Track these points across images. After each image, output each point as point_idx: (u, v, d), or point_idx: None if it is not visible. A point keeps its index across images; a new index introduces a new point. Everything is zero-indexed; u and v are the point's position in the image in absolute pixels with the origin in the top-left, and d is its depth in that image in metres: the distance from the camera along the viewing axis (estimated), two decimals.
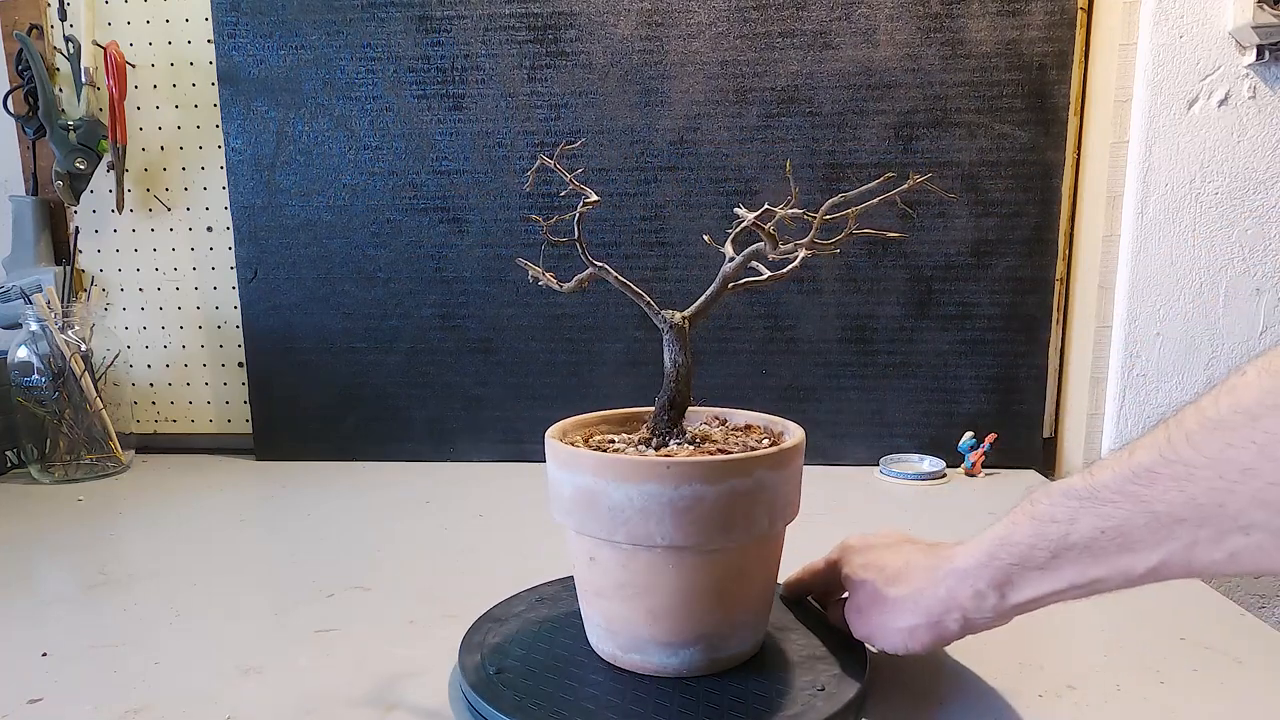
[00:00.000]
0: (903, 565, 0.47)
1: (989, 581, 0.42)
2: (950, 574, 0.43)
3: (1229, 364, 0.90)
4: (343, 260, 0.99)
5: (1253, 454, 0.30)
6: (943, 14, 0.89)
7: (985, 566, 0.42)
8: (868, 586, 0.48)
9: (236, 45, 0.96)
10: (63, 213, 1.06)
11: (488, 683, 0.46)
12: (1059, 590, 0.40)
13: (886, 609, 0.47)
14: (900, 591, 0.46)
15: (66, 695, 0.50)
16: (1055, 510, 0.39)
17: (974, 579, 0.42)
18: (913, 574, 0.46)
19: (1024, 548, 0.40)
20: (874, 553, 0.51)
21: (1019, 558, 0.40)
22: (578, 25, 0.93)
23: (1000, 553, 0.41)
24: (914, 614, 0.45)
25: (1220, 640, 0.55)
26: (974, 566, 0.42)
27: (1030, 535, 0.40)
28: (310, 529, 0.80)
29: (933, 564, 0.45)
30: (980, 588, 0.42)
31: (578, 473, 0.45)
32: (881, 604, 0.47)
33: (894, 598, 0.46)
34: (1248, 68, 0.86)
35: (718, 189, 0.94)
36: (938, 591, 0.44)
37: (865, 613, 0.48)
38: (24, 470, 0.98)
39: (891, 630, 0.46)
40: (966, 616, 0.44)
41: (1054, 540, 0.38)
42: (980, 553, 0.42)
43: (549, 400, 1.00)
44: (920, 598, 0.45)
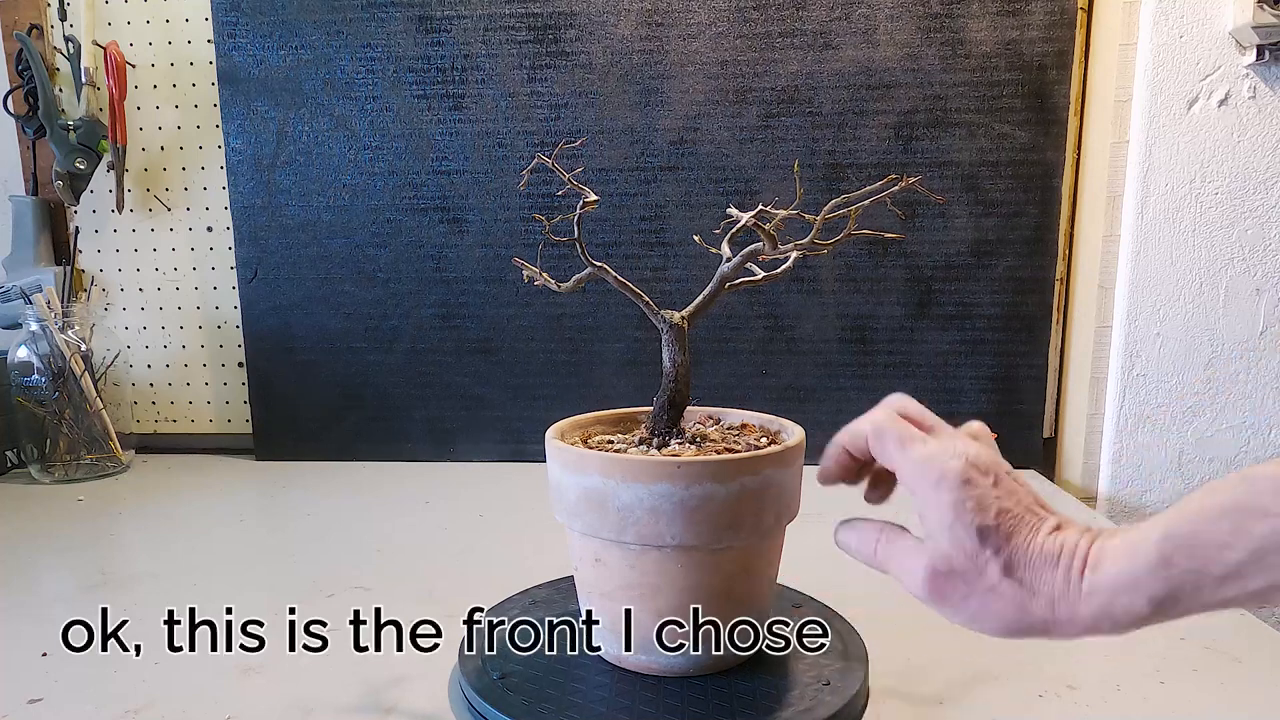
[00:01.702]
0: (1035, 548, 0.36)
1: (1151, 597, 0.33)
2: (1099, 589, 0.34)
3: (1229, 364, 0.91)
4: (343, 260, 0.99)
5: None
6: (943, 14, 0.89)
7: (1152, 578, 0.33)
8: (969, 550, 0.36)
9: (236, 45, 0.96)
10: (63, 213, 1.06)
11: (493, 688, 0.46)
12: (1231, 600, 0.32)
13: (990, 596, 0.36)
14: (1024, 584, 0.36)
15: (66, 695, 0.50)
16: (1264, 499, 0.30)
17: (1133, 595, 0.33)
18: (1044, 566, 0.36)
19: (1210, 549, 0.31)
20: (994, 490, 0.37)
21: (1201, 562, 0.31)
22: (578, 25, 0.93)
23: (1177, 557, 0.32)
24: (1027, 616, 0.36)
25: (1220, 640, 0.55)
26: (1134, 579, 0.33)
27: (1224, 532, 0.31)
28: (310, 529, 0.80)
29: (1068, 564, 0.35)
30: (1137, 605, 0.33)
31: (585, 474, 0.45)
32: (983, 587, 0.36)
33: (1009, 586, 0.36)
34: (1248, 68, 0.86)
35: (718, 189, 0.94)
36: (1074, 607, 0.35)
37: (954, 583, 0.37)
38: (24, 470, 0.98)
39: (987, 619, 0.37)
40: (1093, 630, 0.35)
41: (1258, 539, 0.30)
42: (1146, 560, 0.33)
43: (549, 400, 1.00)
44: (1048, 605, 0.35)
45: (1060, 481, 0.98)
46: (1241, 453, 0.92)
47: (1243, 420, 0.91)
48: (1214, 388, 0.91)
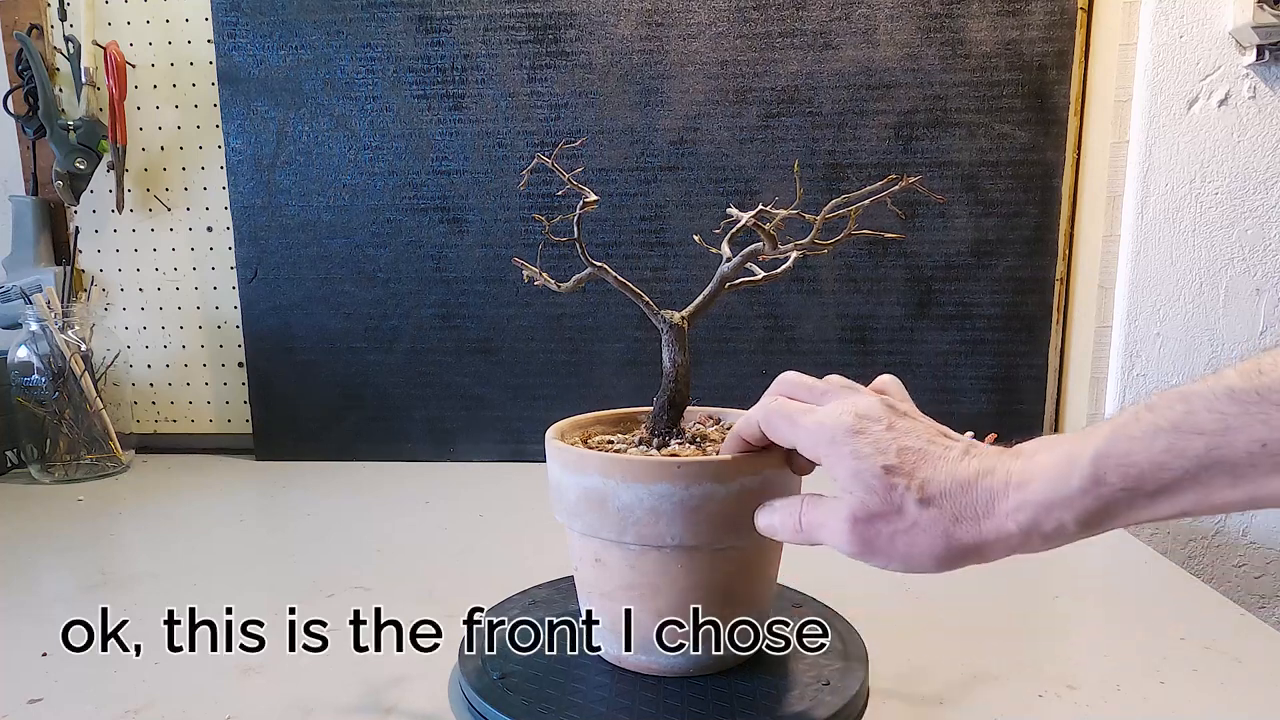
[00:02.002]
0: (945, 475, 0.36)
1: (1080, 514, 0.33)
2: (1025, 507, 0.34)
3: (1229, 364, 0.90)
4: (343, 260, 0.99)
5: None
6: (943, 14, 0.89)
7: (1084, 496, 0.32)
8: (880, 490, 0.36)
9: (236, 45, 0.96)
10: (63, 213, 1.06)
11: (493, 688, 0.46)
12: (1158, 518, 0.32)
13: (914, 531, 0.36)
14: (944, 513, 0.36)
15: (66, 695, 0.50)
16: (1200, 419, 0.30)
17: (1062, 511, 0.33)
18: (959, 491, 0.35)
19: (1146, 468, 0.31)
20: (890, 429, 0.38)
21: (1134, 481, 0.31)
22: (578, 25, 0.93)
23: (1109, 475, 0.32)
24: (952, 543, 0.36)
25: (1220, 640, 0.55)
26: (1065, 498, 0.33)
27: (1159, 451, 0.30)
28: (310, 529, 0.80)
29: (989, 486, 0.35)
30: (1065, 520, 0.33)
31: (585, 474, 0.45)
32: (905, 524, 0.36)
33: (930, 518, 0.36)
34: (1248, 68, 0.86)
35: (718, 189, 0.94)
36: (1001, 526, 0.34)
37: (876, 526, 0.37)
38: (24, 470, 0.98)
39: (916, 556, 0.37)
40: (1022, 548, 0.35)
41: (1192, 458, 0.30)
42: (1078, 478, 0.32)
43: (549, 400, 1.00)
44: (972, 528, 0.35)
45: None
46: None
47: None
48: None
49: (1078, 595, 0.65)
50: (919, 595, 0.63)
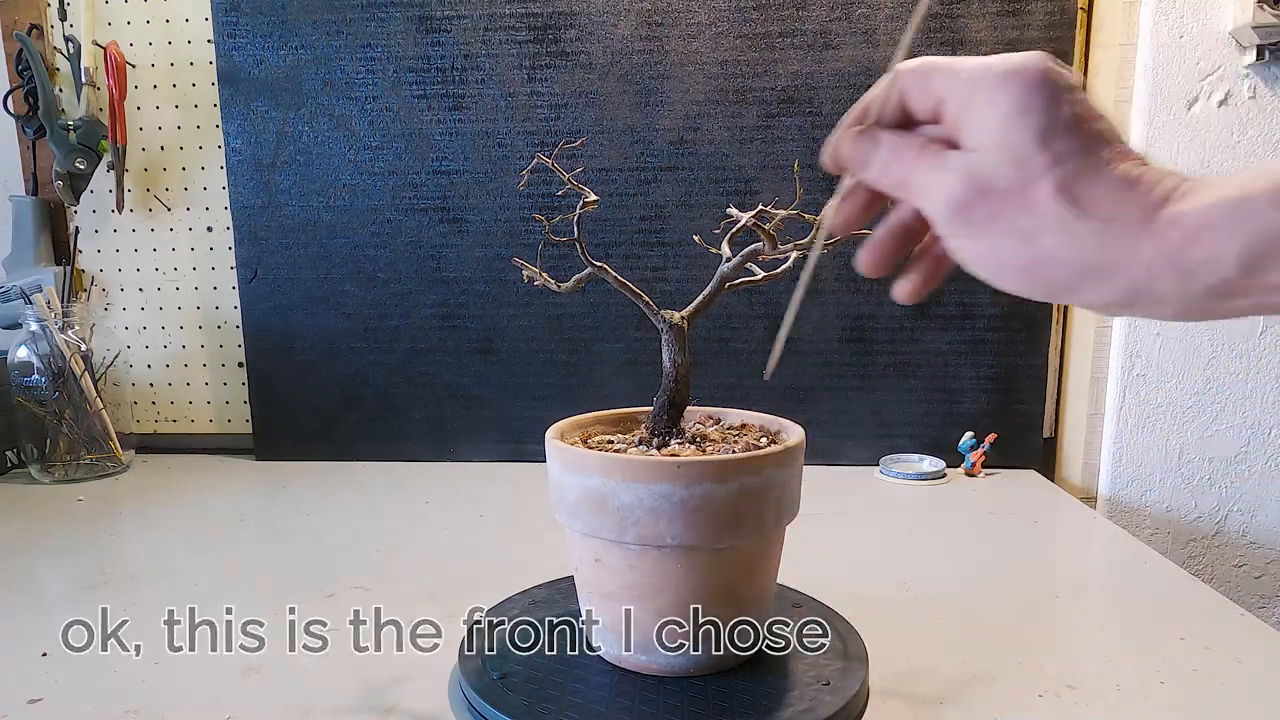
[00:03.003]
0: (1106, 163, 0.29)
1: (1253, 239, 0.25)
2: (1182, 219, 0.27)
3: (1229, 364, 0.91)
4: (343, 260, 0.99)
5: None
6: (943, 14, 0.89)
7: (1272, 208, 0.25)
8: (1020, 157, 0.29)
9: (236, 45, 0.96)
10: (63, 213, 1.06)
11: (493, 688, 0.46)
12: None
13: (1039, 219, 0.28)
14: (1081, 205, 0.28)
15: (66, 695, 0.50)
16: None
17: (1231, 231, 0.26)
18: (1115, 185, 0.28)
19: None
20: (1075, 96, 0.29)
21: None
22: (578, 25, 0.93)
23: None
24: (1071, 249, 0.28)
25: (1220, 640, 0.55)
26: (1243, 210, 0.26)
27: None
28: (310, 529, 0.80)
29: (1149, 187, 0.28)
30: (1227, 250, 0.26)
31: (585, 474, 0.45)
32: (1024, 208, 0.29)
33: (1057, 209, 0.28)
34: (1248, 68, 0.86)
35: (717, 189, 0.94)
36: (1137, 242, 0.27)
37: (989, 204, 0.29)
38: (24, 470, 0.98)
39: (1012, 246, 0.29)
40: (1144, 292, 0.28)
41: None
42: (1265, 185, 0.25)
43: (549, 400, 1.00)
44: (1101, 235, 0.28)
45: (1060, 481, 0.98)
46: (1241, 453, 0.92)
47: (1243, 420, 0.91)
48: (1214, 388, 0.91)
49: (1078, 595, 0.65)
50: (919, 595, 0.63)
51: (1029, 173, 0.28)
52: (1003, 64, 0.29)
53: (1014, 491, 0.89)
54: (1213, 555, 0.94)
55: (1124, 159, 0.29)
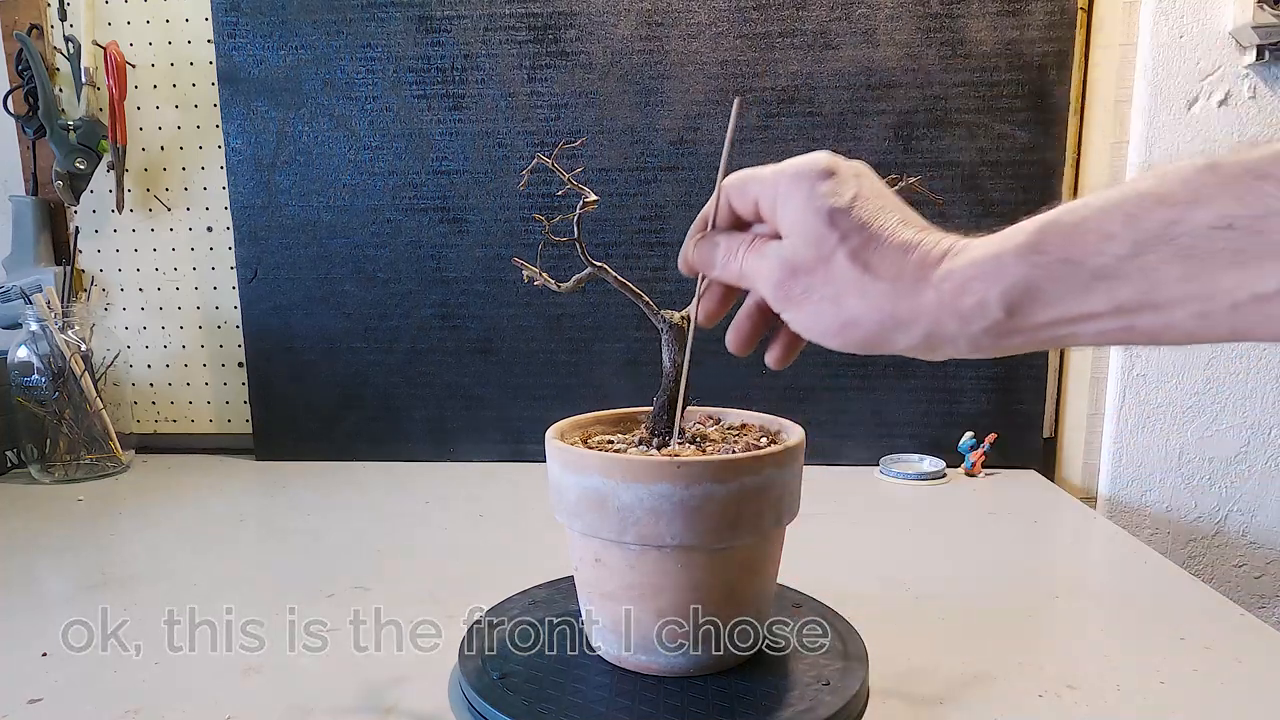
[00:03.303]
0: (888, 232, 0.33)
1: (1009, 288, 0.29)
2: (952, 274, 0.31)
3: (1229, 364, 0.91)
4: (343, 260, 0.99)
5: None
6: (943, 14, 0.89)
7: (1018, 262, 0.29)
8: (817, 238, 0.34)
9: (236, 45, 0.96)
10: (63, 213, 1.06)
11: (493, 688, 0.46)
12: (1092, 315, 0.28)
13: (833, 287, 0.34)
14: (870, 271, 0.33)
15: (66, 695, 0.50)
16: (1170, 186, 0.26)
17: (989, 281, 0.30)
18: (895, 251, 0.33)
19: (1092, 237, 0.27)
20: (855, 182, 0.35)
21: (1077, 252, 0.28)
22: (578, 25, 0.93)
23: (1050, 243, 0.28)
24: (869, 308, 0.33)
25: (1220, 640, 0.55)
26: (996, 263, 0.30)
27: (1113, 220, 0.27)
28: (310, 529, 0.80)
29: (926, 250, 0.32)
30: (989, 297, 0.30)
31: (585, 474, 0.45)
32: (829, 278, 0.34)
33: (854, 276, 0.33)
34: (1248, 68, 0.86)
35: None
36: (920, 296, 0.32)
37: (800, 280, 0.35)
38: (24, 470, 0.98)
39: (826, 319, 0.35)
40: (934, 335, 0.32)
41: (1148, 230, 0.26)
42: (1015, 243, 0.29)
43: (549, 400, 1.00)
44: (891, 294, 0.32)
45: (1060, 481, 0.98)
46: (1241, 453, 0.92)
47: (1243, 420, 0.91)
48: (1214, 388, 0.91)
49: (1078, 595, 0.65)
50: (919, 595, 0.63)
51: (825, 250, 0.34)
52: (794, 165, 0.36)
53: (1014, 491, 0.89)
54: (1213, 555, 0.94)
55: (906, 226, 0.34)
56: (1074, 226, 0.28)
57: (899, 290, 0.32)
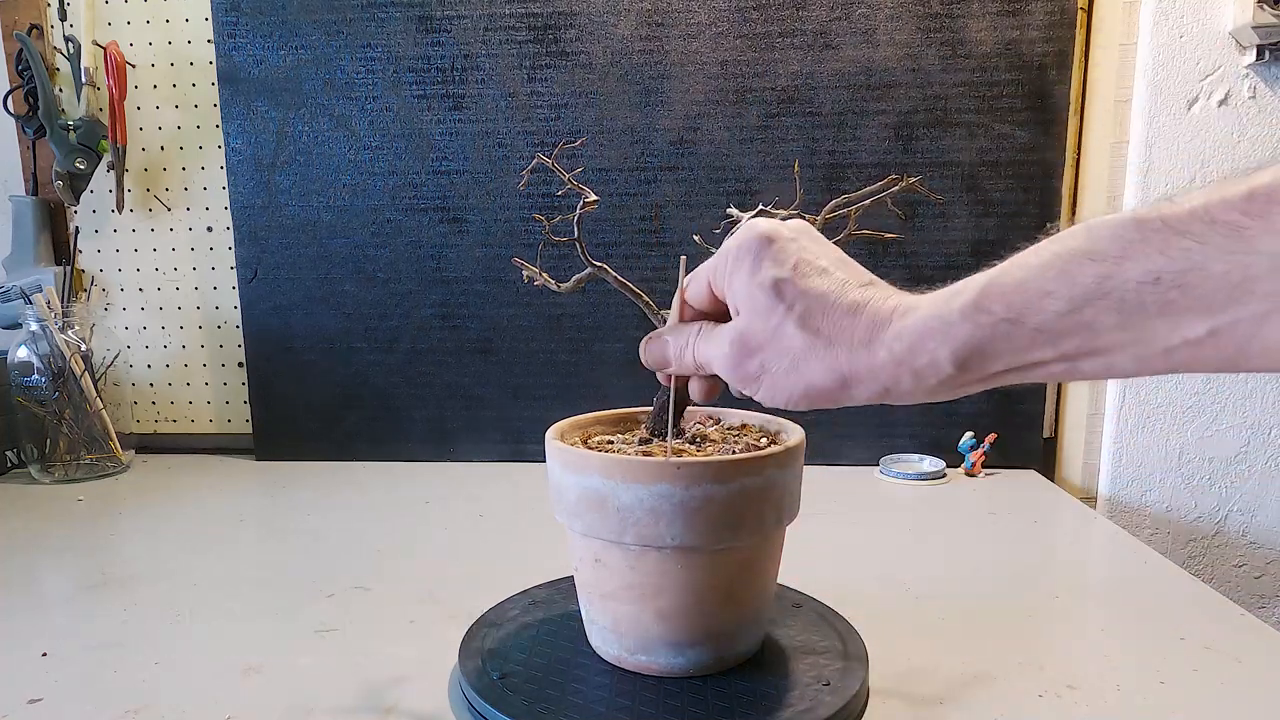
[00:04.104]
0: (833, 296, 0.34)
1: (958, 347, 0.31)
2: (902, 335, 0.32)
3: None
4: (343, 260, 0.99)
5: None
6: (943, 14, 0.89)
7: (963, 323, 0.31)
8: (764, 311, 0.35)
9: (236, 45, 0.96)
10: (63, 213, 1.06)
11: (493, 688, 0.46)
12: (1039, 363, 0.30)
13: (787, 356, 0.35)
14: (820, 337, 0.34)
15: (66, 695, 0.50)
16: (1099, 244, 0.27)
17: (938, 341, 0.31)
18: (843, 314, 0.34)
19: (1031, 296, 0.29)
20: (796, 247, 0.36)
21: (1018, 310, 0.29)
22: (578, 25, 0.93)
23: (993, 303, 0.30)
24: (825, 371, 0.34)
25: (1220, 640, 0.55)
26: (943, 324, 0.31)
27: (1049, 278, 0.29)
28: (310, 529, 0.80)
29: (875, 310, 0.33)
30: (940, 356, 0.31)
31: (585, 474, 0.45)
32: (781, 349, 0.35)
33: (806, 343, 0.34)
34: (1248, 68, 0.86)
35: (718, 189, 0.94)
36: (873, 355, 0.33)
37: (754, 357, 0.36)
38: (24, 470, 0.98)
39: (784, 387, 0.35)
40: (891, 390, 0.33)
41: (1082, 286, 0.28)
42: (960, 303, 0.31)
43: (549, 400, 1.00)
44: (845, 356, 0.33)
45: (1060, 481, 0.98)
46: (1241, 453, 0.92)
47: (1243, 420, 0.91)
48: (1214, 388, 0.91)
49: (1078, 595, 0.65)
50: (919, 595, 0.63)
51: (775, 321, 0.35)
52: (736, 242, 0.37)
53: (1014, 491, 0.89)
54: (1213, 555, 0.94)
55: (851, 286, 0.35)
56: (1014, 286, 0.30)
57: (853, 352, 0.33)
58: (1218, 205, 0.25)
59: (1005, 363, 0.31)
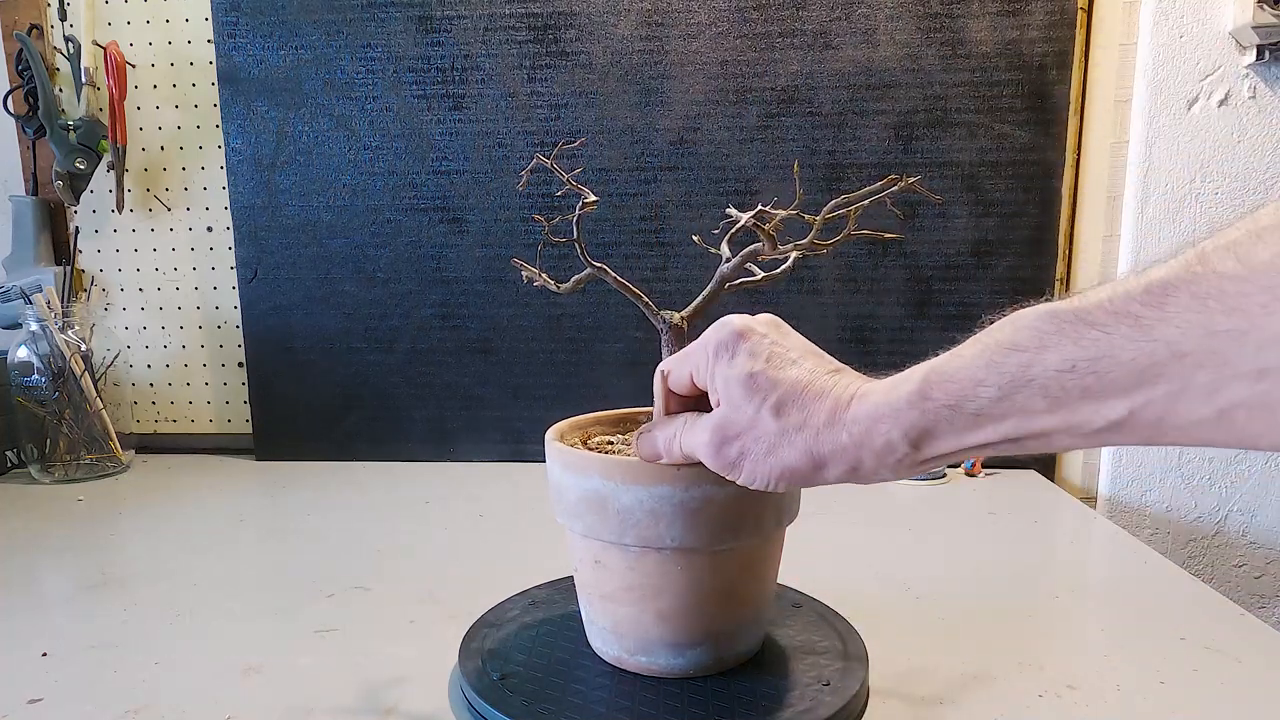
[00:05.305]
0: (802, 385, 0.38)
1: (907, 429, 0.34)
2: (859, 419, 0.35)
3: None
4: (343, 260, 0.99)
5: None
6: (943, 14, 0.89)
7: (910, 409, 0.34)
8: (741, 401, 0.38)
9: (236, 45, 0.96)
10: (63, 213, 1.06)
11: (493, 688, 0.46)
12: (986, 445, 0.33)
13: (764, 442, 0.38)
14: (791, 422, 0.37)
15: (66, 695, 0.50)
16: (1020, 336, 0.31)
17: (890, 424, 0.34)
18: (811, 401, 0.37)
19: (966, 385, 0.32)
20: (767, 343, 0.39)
21: (956, 398, 0.32)
22: (578, 25, 0.93)
23: (934, 391, 0.33)
24: (797, 454, 0.37)
25: (1220, 640, 0.55)
26: (893, 409, 0.34)
27: (980, 368, 0.32)
28: (310, 529, 0.80)
29: (837, 396, 0.37)
30: (893, 437, 0.34)
31: (585, 476, 0.45)
32: (758, 435, 0.38)
33: (779, 429, 0.37)
34: (1248, 68, 0.86)
35: (718, 189, 0.94)
36: (837, 437, 0.36)
37: (733, 444, 0.39)
38: (24, 470, 0.98)
39: (763, 471, 0.38)
40: (858, 469, 0.36)
41: (1009, 375, 0.31)
42: (906, 391, 0.34)
43: (549, 400, 1.00)
44: (813, 438, 0.37)
45: (1060, 481, 0.98)
46: (1241, 453, 0.92)
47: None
48: None
49: (1078, 595, 0.65)
50: (919, 595, 0.63)
51: (751, 410, 0.38)
52: (713, 337, 0.40)
53: (1014, 491, 0.89)
54: (1213, 555, 0.94)
55: (818, 375, 0.38)
56: (951, 375, 0.33)
57: (819, 435, 0.37)
58: (1120, 298, 0.28)
59: (953, 444, 0.34)
